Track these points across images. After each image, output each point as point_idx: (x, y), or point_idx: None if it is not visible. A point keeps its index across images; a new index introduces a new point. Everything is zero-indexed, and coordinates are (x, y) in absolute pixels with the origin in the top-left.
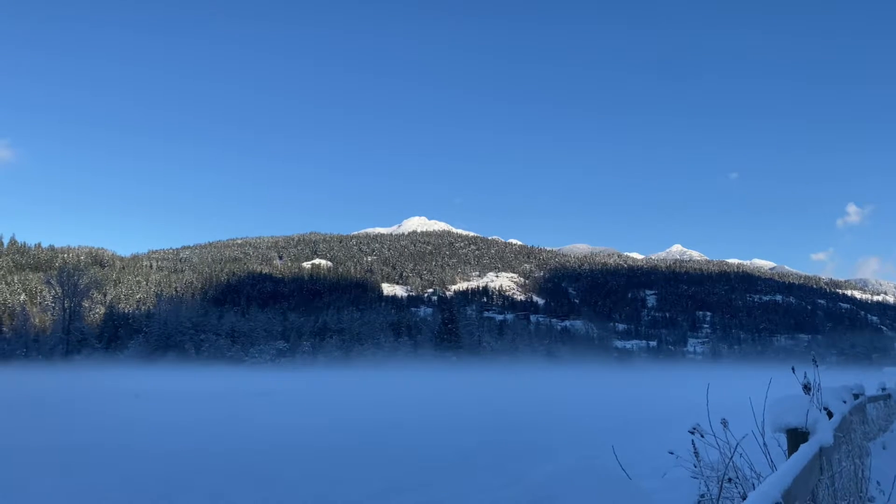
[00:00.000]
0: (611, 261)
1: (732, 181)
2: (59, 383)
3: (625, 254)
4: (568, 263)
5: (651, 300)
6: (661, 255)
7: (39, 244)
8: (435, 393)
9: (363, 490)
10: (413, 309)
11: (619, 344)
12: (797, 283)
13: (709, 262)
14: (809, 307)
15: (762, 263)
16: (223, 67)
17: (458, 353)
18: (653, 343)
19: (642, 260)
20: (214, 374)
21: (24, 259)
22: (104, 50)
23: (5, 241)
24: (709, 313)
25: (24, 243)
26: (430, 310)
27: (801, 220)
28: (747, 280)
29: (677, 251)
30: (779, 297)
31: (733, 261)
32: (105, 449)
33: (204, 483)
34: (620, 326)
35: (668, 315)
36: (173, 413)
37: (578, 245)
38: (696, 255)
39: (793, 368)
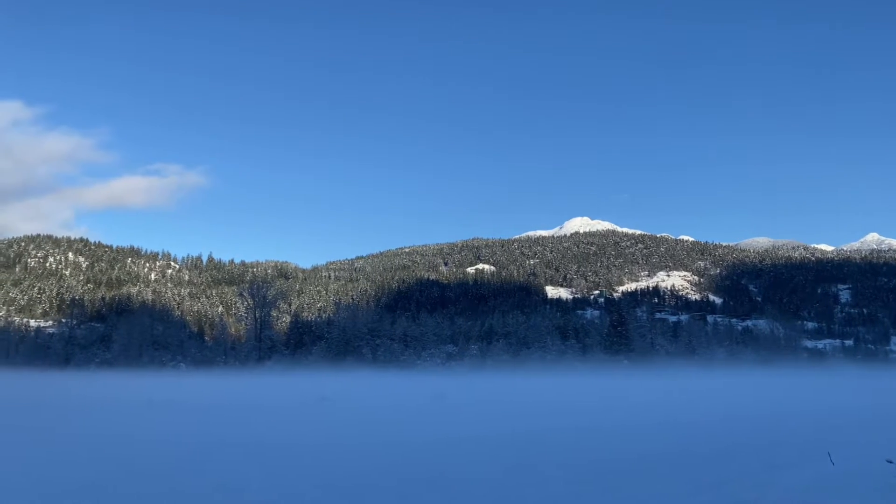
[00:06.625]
0: (796, 254)
1: None
2: (257, 386)
3: (811, 246)
4: (747, 259)
5: (845, 295)
6: (855, 245)
7: (232, 260)
8: (607, 396)
9: (541, 494)
10: (579, 311)
11: (809, 344)
12: None
13: None
14: None
15: None
16: (386, 90)
17: (630, 356)
18: (849, 342)
19: (832, 252)
20: (392, 376)
21: (220, 274)
22: (276, 83)
23: (204, 259)
24: None
25: (220, 260)
26: (596, 312)
27: None
28: None
29: (873, 240)
30: None
31: None
32: (301, 447)
33: (391, 484)
34: (810, 325)
35: (865, 311)
36: (360, 413)
37: (758, 238)
38: None
39: None
